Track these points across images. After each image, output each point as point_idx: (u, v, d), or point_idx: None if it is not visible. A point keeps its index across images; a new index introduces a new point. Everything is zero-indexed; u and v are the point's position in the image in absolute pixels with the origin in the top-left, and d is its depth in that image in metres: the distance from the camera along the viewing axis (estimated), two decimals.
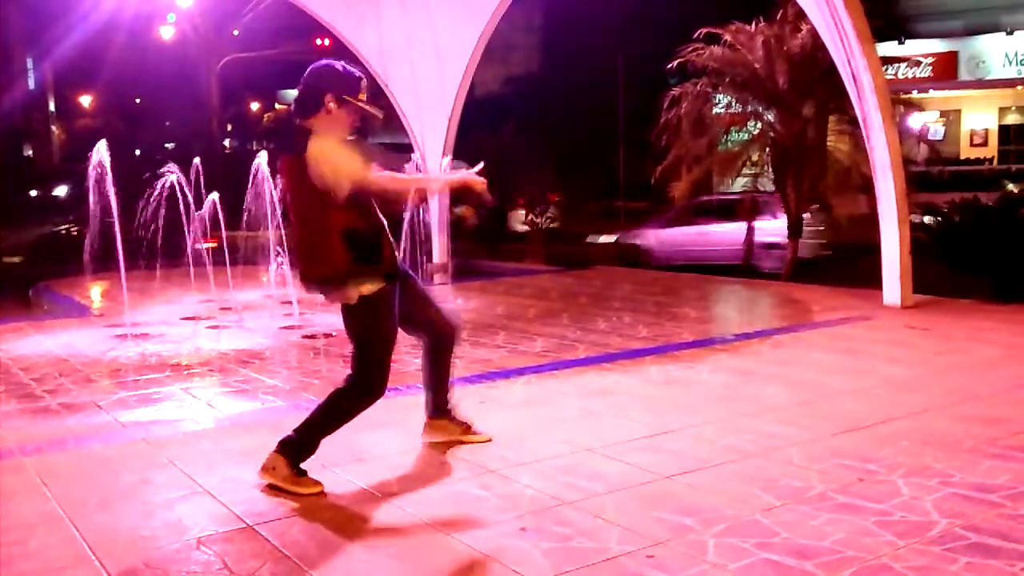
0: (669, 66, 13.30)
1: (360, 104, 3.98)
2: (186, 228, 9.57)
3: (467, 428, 4.60)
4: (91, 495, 3.97)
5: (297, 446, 4.00)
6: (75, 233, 18.73)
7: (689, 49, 12.85)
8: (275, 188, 9.15)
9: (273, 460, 3.98)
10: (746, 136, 13.58)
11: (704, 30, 12.77)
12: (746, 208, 13.91)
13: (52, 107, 35.83)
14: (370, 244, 3.91)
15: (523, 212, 17.66)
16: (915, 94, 14.33)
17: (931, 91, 24.54)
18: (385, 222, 4.06)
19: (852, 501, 3.71)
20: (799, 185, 12.52)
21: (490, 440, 4.58)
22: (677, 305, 9.37)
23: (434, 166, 12.68)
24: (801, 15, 11.06)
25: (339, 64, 4.02)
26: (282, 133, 3.96)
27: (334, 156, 3.82)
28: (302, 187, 3.88)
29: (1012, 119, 26.25)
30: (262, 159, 9.18)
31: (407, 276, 4.31)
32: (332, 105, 3.91)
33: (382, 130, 43.67)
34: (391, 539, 3.48)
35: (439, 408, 4.56)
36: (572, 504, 3.75)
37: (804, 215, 12.90)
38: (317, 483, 3.97)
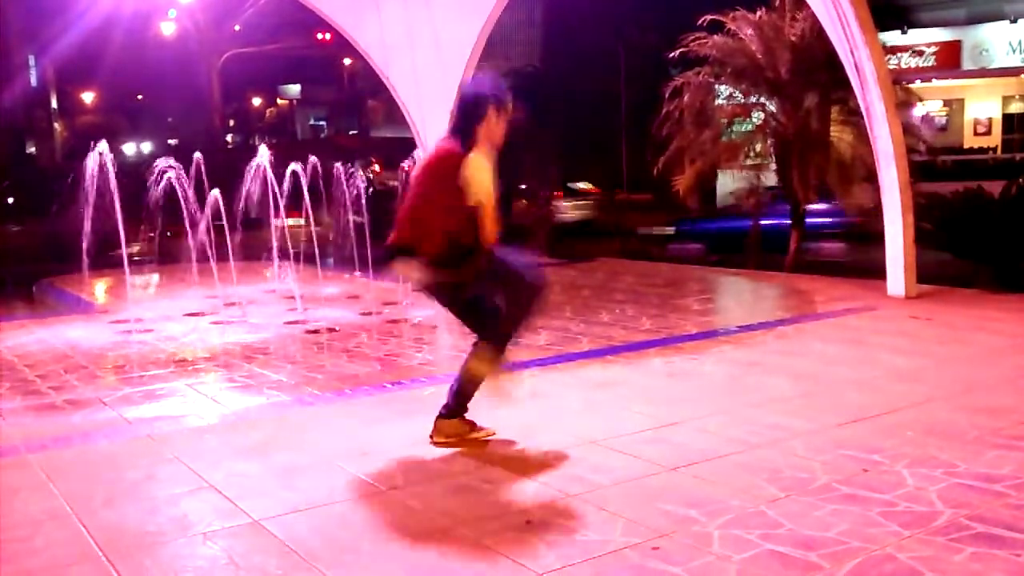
0: (671, 55, 13.24)
1: (511, 114, 4.49)
2: (187, 223, 9.58)
3: (472, 426, 4.60)
4: (97, 491, 3.98)
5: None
6: None
7: (691, 38, 12.80)
8: (277, 183, 9.18)
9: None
10: (749, 127, 13.52)
11: (707, 17, 12.72)
12: None
13: (54, 104, 35.83)
14: (462, 252, 4.34)
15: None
16: (918, 83, 14.24)
17: (934, 80, 24.45)
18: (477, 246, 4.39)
19: (857, 492, 3.72)
20: (803, 176, 12.48)
21: (494, 434, 4.59)
22: (680, 297, 9.37)
23: None
24: (802, 3, 11.02)
25: (493, 80, 4.60)
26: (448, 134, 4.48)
27: (483, 175, 4.29)
28: (446, 178, 4.28)
29: (1016, 108, 26.12)
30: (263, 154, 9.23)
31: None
32: (492, 114, 4.40)
33: (384, 124, 43.69)
34: (396, 533, 3.48)
35: (451, 409, 4.57)
36: (577, 497, 3.76)
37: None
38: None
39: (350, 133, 44.99)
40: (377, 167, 28.23)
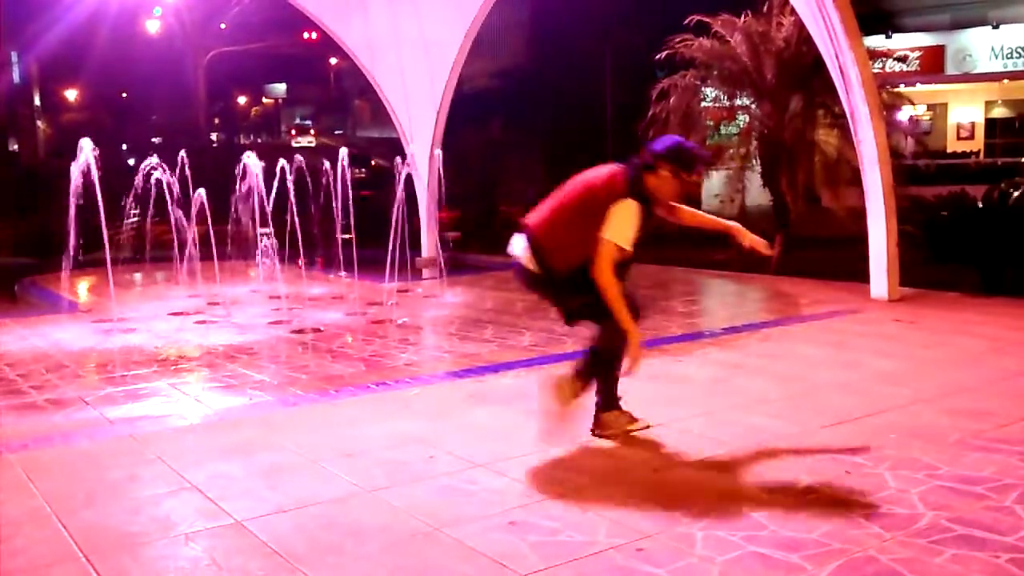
0: (657, 57, 13.28)
1: (690, 181, 4.56)
2: (172, 222, 9.54)
3: (631, 418, 4.69)
4: (78, 491, 3.96)
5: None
6: None
7: (678, 40, 12.83)
8: (264, 183, 9.15)
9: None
10: (735, 130, 13.58)
11: (694, 18, 12.76)
12: None
13: (37, 101, 35.59)
14: (577, 273, 4.52)
15: None
16: (902, 88, 14.38)
17: (918, 85, 24.62)
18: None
19: (839, 494, 3.73)
20: (790, 179, 12.54)
21: (649, 426, 4.67)
22: (665, 299, 9.38)
23: (422, 160, 12.67)
24: (788, 8, 11.08)
25: (692, 145, 4.66)
26: (634, 162, 4.51)
27: (624, 226, 4.39)
28: (595, 205, 4.38)
29: (998, 112, 26.35)
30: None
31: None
32: (667, 173, 4.44)
33: (370, 124, 43.53)
34: (379, 534, 3.47)
35: (606, 402, 4.67)
36: (560, 497, 3.76)
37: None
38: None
39: (335, 133, 44.87)
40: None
